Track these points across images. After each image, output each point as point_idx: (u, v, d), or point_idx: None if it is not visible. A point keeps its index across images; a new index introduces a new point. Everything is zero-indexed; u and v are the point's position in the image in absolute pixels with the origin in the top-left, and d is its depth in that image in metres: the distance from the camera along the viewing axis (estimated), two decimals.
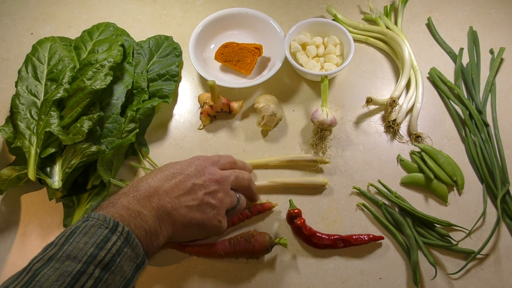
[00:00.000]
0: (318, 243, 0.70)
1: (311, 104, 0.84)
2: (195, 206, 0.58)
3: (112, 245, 0.47)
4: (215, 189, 0.60)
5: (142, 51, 0.85)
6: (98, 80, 0.73)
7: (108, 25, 0.85)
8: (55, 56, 0.79)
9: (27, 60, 0.79)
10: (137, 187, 0.56)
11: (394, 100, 0.79)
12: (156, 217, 0.54)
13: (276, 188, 0.75)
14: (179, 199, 0.57)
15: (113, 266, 0.47)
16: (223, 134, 0.81)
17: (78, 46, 0.81)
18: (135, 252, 0.50)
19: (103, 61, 0.75)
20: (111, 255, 0.47)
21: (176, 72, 0.84)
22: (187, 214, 0.57)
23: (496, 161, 0.76)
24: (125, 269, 0.48)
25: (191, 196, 0.58)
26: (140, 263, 0.51)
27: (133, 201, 0.54)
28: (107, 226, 0.49)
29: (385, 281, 0.69)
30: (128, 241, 0.49)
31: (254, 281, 0.69)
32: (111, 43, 0.80)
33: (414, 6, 0.95)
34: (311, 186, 0.75)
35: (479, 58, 0.88)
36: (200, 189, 0.59)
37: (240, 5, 0.94)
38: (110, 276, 0.46)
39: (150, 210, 0.54)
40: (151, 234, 0.53)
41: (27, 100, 0.74)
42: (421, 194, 0.76)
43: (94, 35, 0.83)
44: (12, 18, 0.93)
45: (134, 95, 0.79)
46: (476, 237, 0.72)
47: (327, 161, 0.76)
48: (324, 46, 0.86)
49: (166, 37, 0.88)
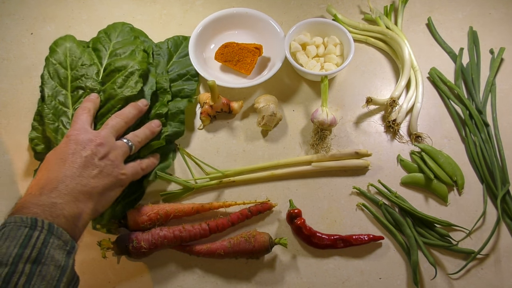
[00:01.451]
0: (318, 243, 0.70)
1: (311, 104, 0.84)
2: (99, 174, 0.60)
3: (36, 240, 0.48)
4: (105, 151, 0.62)
5: (161, 52, 0.84)
6: (128, 88, 0.72)
7: (124, 24, 0.83)
8: (76, 60, 0.76)
9: (47, 64, 0.76)
10: (39, 185, 0.56)
11: (394, 100, 0.79)
12: (71, 201, 0.55)
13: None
14: (82, 175, 0.58)
15: (43, 258, 0.48)
16: (223, 134, 0.81)
17: (97, 48, 0.79)
18: (62, 240, 0.51)
19: (131, 68, 0.74)
20: (37, 249, 0.48)
21: (197, 72, 0.83)
22: (97, 183, 0.59)
23: (496, 161, 0.76)
24: (57, 258, 0.49)
25: (90, 168, 0.60)
26: (70, 248, 0.51)
27: (42, 198, 0.54)
28: (26, 225, 0.49)
29: (385, 281, 0.69)
30: (52, 231, 0.50)
31: (254, 281, 0.69)
32: (133, 46, 0.78)
33: (414, 6, 0.95)
34: (354, 169, 0.77)
35: (479, 58, 0.88)
36: (93, 158, 0.61)
37: (240, 5, 0.94)
38: (43, 268, 0.47)
39: (63, 197, 0.55)
40: (73, 218, 0.54)
41: (56, 109, 0.73)
42: (421, 194, 0.76)
43: (112, 36, 0.81)
44: (12, 18, 0.93)
45: (158, 96, 0.78)
46: (476, 237, 0.72)
47: (369, 154, 0.77)
48: (324, 46, 0.86)
49: (184, 38, 0.87)
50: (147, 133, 0.70)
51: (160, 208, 0.70)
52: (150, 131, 0.71)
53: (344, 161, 0.77)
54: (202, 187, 0.75)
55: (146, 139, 0.70)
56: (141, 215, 0.69)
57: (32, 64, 0.87)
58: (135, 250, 0.66)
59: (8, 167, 0.78)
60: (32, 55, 0.88)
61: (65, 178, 0.57)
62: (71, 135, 0.62)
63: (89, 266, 0.70)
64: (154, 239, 0.67)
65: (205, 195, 0.76)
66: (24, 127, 0.80)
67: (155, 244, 0.67)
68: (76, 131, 0.63)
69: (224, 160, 0.78)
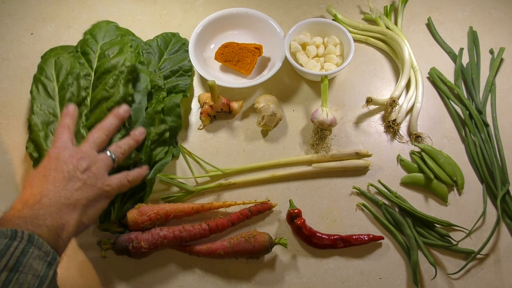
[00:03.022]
0: (318, 243, 0.70)
1: (311, 104, 0.84)
2: (82, 186, 0.60)
3: (14, 249, 0.48)
4: (87, 164, 0.62)
5: (151, 49, 0.84)
6: (121, 87, 0.73)
7: (109, 23, 0.83)
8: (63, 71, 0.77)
9: (35, 80, 0.78)
10: (22, 201, 0.57)
11: (394, 100, 0.79)
12: (54, 212, 0.56)
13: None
14: (65, 189, 0.59)
15: (21, 266, 0.47)
16: (223, 134, 0.81)
17: (86, 51, 0.79)
18: (42, 250, 0.50)
19: (121, 66, 0.74)
20: (15, 258, 0.47)
21: (189, 67, 0.83)
22: (81, 196, 0.60)
23: (496, 161, 0.76)
24: (36, 268, 0.49)
25: (72, 181, 0.60)
26: (51, 260, 0.51)
27: (24, 211, 0.55)
28: (5, 236, 0.49)
29: (385, 281, 0.69)
30: (32, 242, 0.50)
31: (254, 281, 0.69)
32: (121, 46, 0.78)
33: (414, 6, 0.95)
34: (354, 169, 0.77)
35: (479, 58, 0.88)
36: (75, 171, 0.61)
37: (240, 5, 0.94)
38: (20, 276, 0.47)
39: (45, 209, 0.55)
40: (56, 229, 0.54)
41: (45, 118, 0.73)
42: (421, 194, 0.76)
43: (98, 36, 0.81)
44: (12, 18, 0.93)
45: (152, 94, 0.78)
46: (476, 237, 0.72)
47: (370, 154, 0.77)
48: (324, 46, 0.86)
49: (173, 34, 0.87)
50: (131, 143, 0.70)
51: (160, 208, 0.69)
52: (134, 140, 0.70)
53: (345, 161, 0.77)
54: (202, 190, 0.75)
55: (129, 149, 0.70)
56: (141, 215, 0.68)
57: (32, 64, 0.86)
58: (135, 250, 0.66)
59: (8, 167, 0.78)
60: (32, 55, 0.88)
61: (48, 192, 0.58)
62: (52, 153, 0.63)
63: (89, 266, 0.70)
64: (154, 239, 0.67)
65: (205, 197, 0.76)
66: (24, 127, 0.80)
67: (155, 244, 0.67)
68: (57, 149, 0.64)
69: (224, 160, 0.78)
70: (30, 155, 0.73)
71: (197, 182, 0.76)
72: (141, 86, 0.76)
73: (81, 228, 0.60)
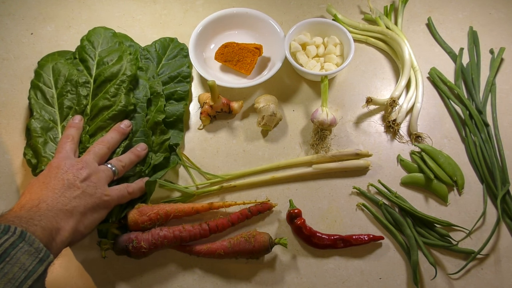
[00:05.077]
0: (318, 243, 0.70)
1: (311, 104, 0.84)
2: (81, 194, 0.61)
3: (4, 241, 0.49)
4: (87, 173, 0.63)
5: (149, 55, 0.84)
6: (123, 96, 0.73)
7: (106, 30, 0.83)
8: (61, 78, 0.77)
9: (33, 86, 0.78)
10: (21, 204, 0.58)
11: (394, 100, 0.79)
12: (51, 216, 0.56)
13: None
14: (63, 196, 0.60)
15: (8, 257, 0.48)
16: (223, 134, 0.81)
17: (84, 58, 0.78)
18: (33, 247, 0.51)
19: (122, 75, 0.74)
20: (3, 248, 0.48)
21: (188, 73, 0.83)
22: (79, 203, 0.60)
23: (496, 161, 0.76)
24: (23, 261, 0.49)
25: (71, 189, 0.61)
26: (44, 256, 0.51)
27: (21, 212, 0.55)
28: None
29: (385, 281, 0.69)
30: (23, 238, 0.50)
31: (254, 281, 0.69)
32: (120, 53, 0.78)
33: (414, 6, 0.95)
34: (354, 169, 0.76)
35: (479, 58, 0.88)
36: (75, 180, 0.62)
37: (240, 5, 0.94)
38: (6, 266, 0.47)
39: (42, 212, 0.56)
40: (50, 230, 0.55)
41: (44, 124, 0.74)
42: (421, 194, 0.76)
43: (96, 43, 0.80)
44: (12, 18, 0.93)
45: (151, 100, 0.78)
46: (476, 237, 0.72)
47: (370, 154, 0.77)
48: (324, 46, 0.86)
49: (171, 39, 0.87)
50: (132, 157, 0.71)
51: (160, 208, 0.69)
52: (135, 155, 0.71)
53: (345, 162, 0.77)
54: (202, 193, 0.75)
55: (130, 163, 0.70)
56: (141, 215, 0.68)
57: (32, 64, 0.86)
58: (135, 250, 0.66)
59: (8, 167, 0.78)
60: (32, 55, 0.88)
61: (46, 198, 0.58)
62: (53, 162, 0.65)
63: (89, 266, 0.70)
64: (154, 239, 0.67)
65: (206, 199, 0.76)
66: (24, 127, 0.80)
67: (155, 244, 0.67)
68: (59, 159, 0.65)
69: (224, 160, 0.78)
70: (28, 162, 0.73)
71: (197, 187, 0.76)
72: (140, 93, 0.76)
73: (77, 236, 0.60)
